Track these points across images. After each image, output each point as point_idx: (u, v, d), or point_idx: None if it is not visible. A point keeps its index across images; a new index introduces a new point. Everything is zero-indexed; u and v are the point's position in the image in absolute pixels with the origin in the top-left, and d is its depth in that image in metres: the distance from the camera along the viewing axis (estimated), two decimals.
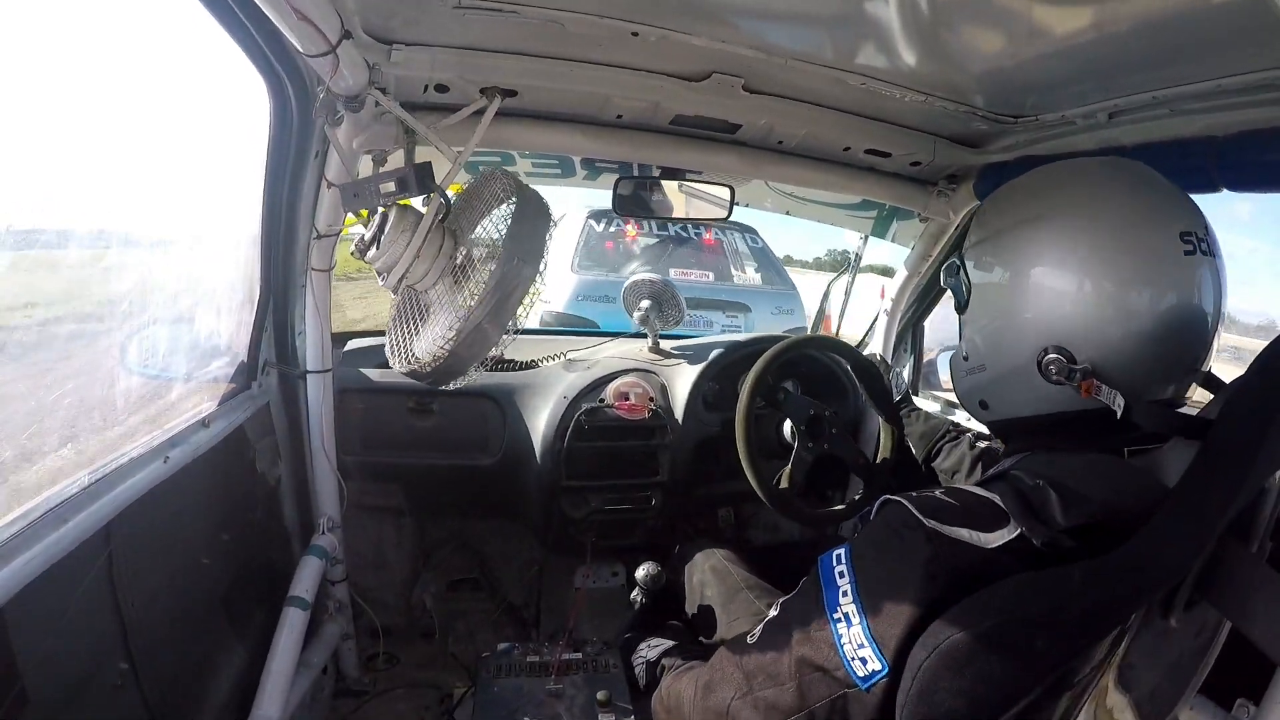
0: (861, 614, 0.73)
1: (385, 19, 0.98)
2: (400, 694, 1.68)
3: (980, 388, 0.89)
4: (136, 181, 1.08)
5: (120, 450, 0.94)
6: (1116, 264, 0.76)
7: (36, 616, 0.74)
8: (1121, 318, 0.76)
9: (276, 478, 1.42)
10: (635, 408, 1.67)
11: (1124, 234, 0.76)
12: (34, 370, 0.90)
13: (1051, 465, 0.77)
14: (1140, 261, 0.76)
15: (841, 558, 0.78)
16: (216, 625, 1.21)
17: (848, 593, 0.75)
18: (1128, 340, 0.76)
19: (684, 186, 1.54)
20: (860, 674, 0.73)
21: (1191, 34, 0.81)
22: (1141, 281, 0.76)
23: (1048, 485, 0.71)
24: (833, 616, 0.75)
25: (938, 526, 0.72)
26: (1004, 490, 0.74)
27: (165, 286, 1.16)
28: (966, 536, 0.71)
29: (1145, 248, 0.76)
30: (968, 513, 0.73)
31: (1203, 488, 0.67)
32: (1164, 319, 0.76)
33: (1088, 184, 0.82)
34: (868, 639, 0.73)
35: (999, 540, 0.70)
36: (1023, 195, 0.87)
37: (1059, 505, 0.70)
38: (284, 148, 1.21)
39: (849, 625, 0.74)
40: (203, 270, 1.25)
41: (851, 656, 0.73)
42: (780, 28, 1.02)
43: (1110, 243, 0.76)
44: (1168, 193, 0.80)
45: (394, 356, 1.09)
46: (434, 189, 1.03)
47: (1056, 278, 0.78)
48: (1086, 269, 0.77)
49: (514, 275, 0.95)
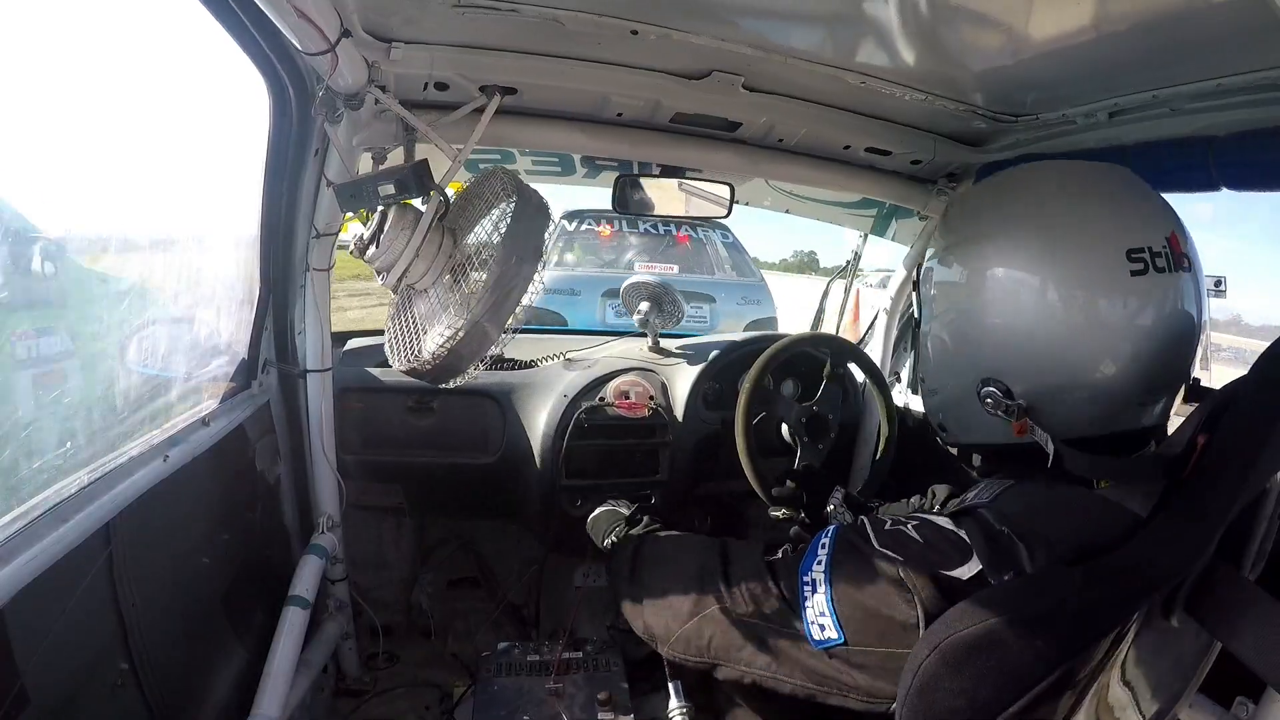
0: (828, 586, 0.74)
1: (385, 17, 0.98)
2: (400, 693, 1.68)
3: (935, 410, 0.86)
4: (136, 181, 1.08)
5: (120, 449, 0.94)
6: (1052, 291, 0.71)
7: (36, 616, 0.73)
8: (1059, 350, 0.71)
9: (276, 477, 1.42)
10: (635, 406, 1.67)
11: (1059, 258, 0.71)
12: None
13: (1019, 502, 0.74)
14: (1078, 288, 0.70)
15: (829, 533, 0.79)
16: (216, 624, 1.21)
17: (822, 563, 0.76)
18: (1067, 375, 0.72)
19: (684, 185, 1.53)
20: (816, 637, 0.75)
21: (1191, 33, 0.81)
22: (1079, 311, 0.70)
23: (1013, 536, 0.69)
24: (802, 579, 0.77)
25: (906, 570, 0.71)
26: (971, 528, 0.71)
27: (165, 286, 1.16)
28: (931, 573, 0.70)
29: (1083, 272, 0.70)
30: (934, 548, 0.71)
31: (1204, 489, 0.67)
32: (1110, 349, 0.71)
33: (1031, 200, 0.77)
34: (829, 607, 0.74)
35: (970, 572, 0.69)
36: (972, 208, 0.83)
37: (1026, 554, 0.68)
38: (283, 146, 1.21)
39: (814, 591, 0.75)
40: (202, 269, 1.25)
41: (812, 620, 0.75)
42: (780, 26, 1.02)
43: (1046, 268, 0.71)
44: (1115, 208, 0.74)
45: (393, 355, 1.09)
46: (433, 188, 1.03)
47: (993, 305, 0.74)
48: (1021, 297, 0.72)
49: (513, 274, 0.95)
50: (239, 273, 1.30)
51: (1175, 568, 0.68)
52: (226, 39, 1.00)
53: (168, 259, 1.18)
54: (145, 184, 1.09)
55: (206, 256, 1.28)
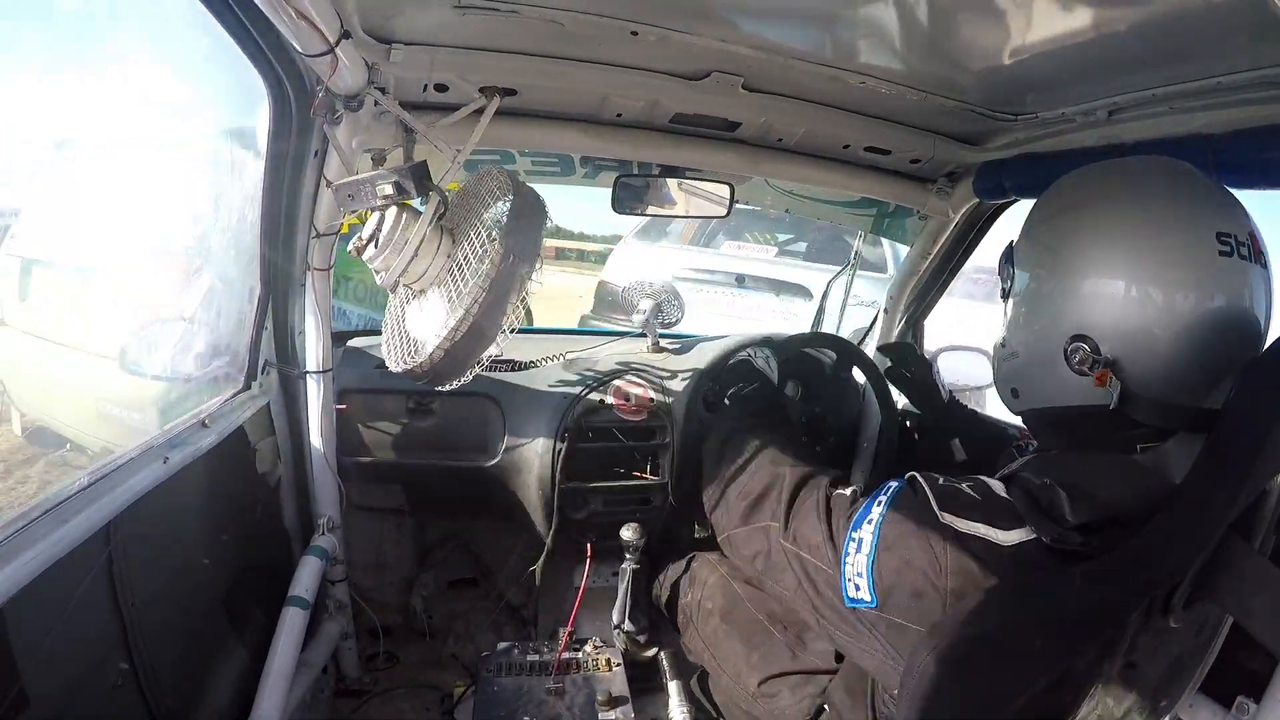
0: (873, 548, 0.78)
1: (385, 18, 0.98)
2: (400, 693, 1.68)
3: (1013, 374, 0.89)
4: (135, 180, 1.08)
5: (119, 451, 0.94)
6: (1145, 258, 0.75)
7: (36, 617, 0.73)
8: (1148, 313, 0.75)
9: (276, 478, 1.42)
10: (635, 408, 1.67)
11: (1155, 228, 0.76)
12: None
13: (1060, 465, 0.77)
14: (1171, 258, 0.75)
15: (889, 491, 0.82)
16: (216, 625, 1.21)
17: (873, 523, 0.79)
18: (1153, 337, 0.75)
19: (683, 184, 1.54)
20: (850, 594, 0.79)
21: (1191, 31, 0.81)
22: (1170, 279, 0.75)
23: (1055, 484, 0.72)
24: (851, 535, 0.81)
25: (953, 521, 0.73)
26: (1013, 491, 0.74)
27: (164, 285, 1.16)
28: (983, 532, 0.72)
29: (1176, 244, 0.75)
30: (987, 506, 0.74)
31: (1205, 489, 0.67)
32: (1195, 319, 0.74)
33: (1127, 177, 0.83)
34: (867, 570, 0.77)
35: (1016, 539, 0.71)
36: (1068, 185, 0.87)
37: (1067, 503, 0.70)
38: (283, 147, 1.21)
39: (858, 550, 0.79)
40: (202, 268, 1.25)
41: (849, 577, 0.79)
42: (780, 26, 1.02)
43: (1141, 236, 0.76)
44: (1209, 193, 0.79)
45: (391, 356, 1.09)
46: (431, 189, 1.03)
47: (1087, 268, 0.78)
48: (1116, 261, 0.76)
49: (510, 273, 0.95)
50: (238, 273, 1.30)
51: (1174, 567, 0.68)
52: (226, 39, 1.00)
53: (167, 257, 1.18)
54: (144, 183, 1.10)
55: (206, 256, 1.28)
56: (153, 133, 1.11)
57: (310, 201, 1.27)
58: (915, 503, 0.78)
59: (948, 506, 0.75)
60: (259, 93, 1.14)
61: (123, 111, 0.99)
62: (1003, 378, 0.92)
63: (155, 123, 1.09)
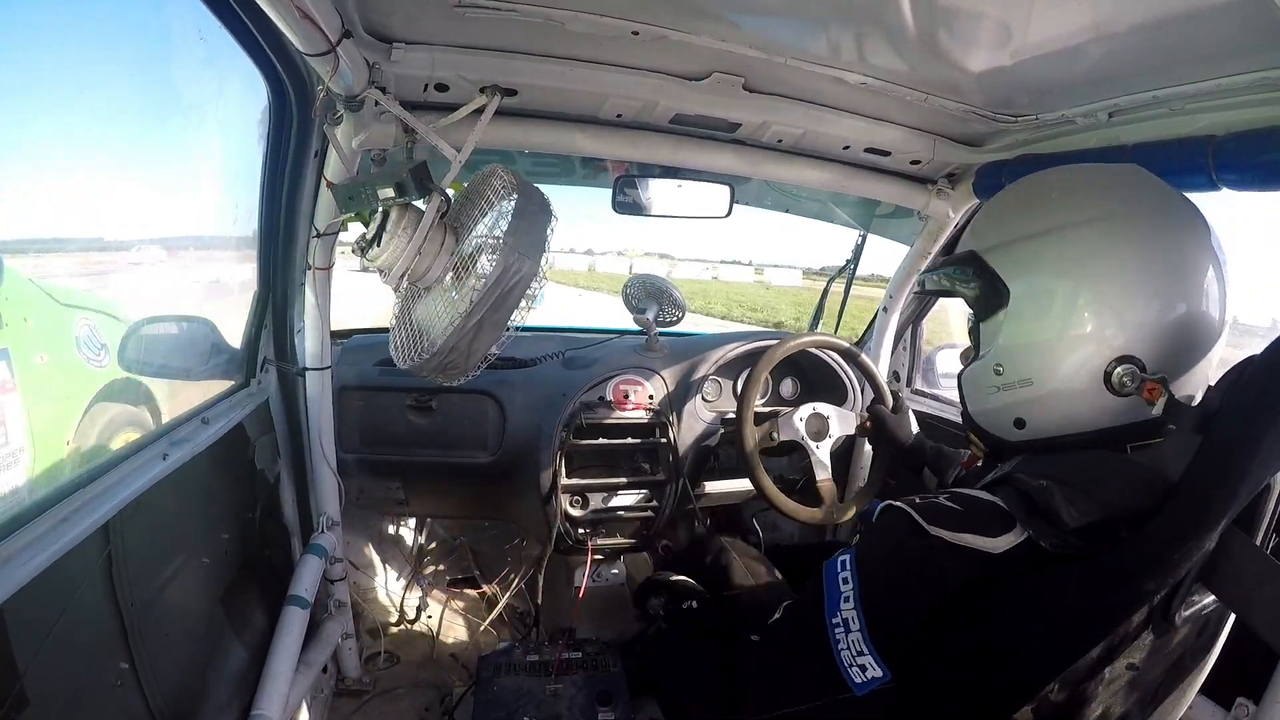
0: (862, 620, 0.74)
1: (385, 18, 0.98)
2: (400, 693, 1.68)
3: (1020, 404, 0.81)
4: (135, 180, 1.08)
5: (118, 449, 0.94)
6: (1171, 271, 0.75)
7: (36, 616, 0.73)
8: (1184, 321, 0.74)
9: (276, 475, 1.42)
10: (635, 406, 1.67)
11: (1167, 239, 0.76)
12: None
13: (1054, 465, 0.75)
14: (1192, 266, 0.75)
15: (846, 564, 0.78)
16: (216, 624, 1.21)
17: (850, 599, 0.75)
18: (1191, 344, 0.75)
19: (683, 185, 1.54)
20: (858, 680, 0.74)
21: (1191, 34, 0.81)
22: (1193, 288, 0.75)
23: (1052, 485, 0.70)
24: (831, 621, 0.76)
25: (942, 534, 0.72)
26: (1008, 494, 0.73)
27: (163, 285, 1.16)
28: (972, 542, 0.71)
29: (1188, 252, 0.75)
30: (972, 517, 0.72)
31: (1205, 488, 0.67)
32: (1208, 321, 0.75)
33: (1126, 188, 0.80)
34: (867, 647, 0.73)
35: (1006, 545, 0.70)
36: (1058, 196, 0.82)
37: (1065, 505, 0.69)
38: (283, 146, 1.21)
39: (848, 632, 0.74)
40: (202, 268, 1.25)
41: (849, 663, 0.74)
42: (780, 27, 1.02)
43: (1161, 248, 0.75)
44: (1185, 199, 0.80)
45: (397, 354, 1.09)
46: (432, 189, 1.03)
47: (1120, 286, 0.75)
48: (1145, 276, 0.74)
49: (514, 271, 0.95)
50: (238, 271, 1.30)
51: (1174, 569, 0.68)
52: (228, 39, 1.00)
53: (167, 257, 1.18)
54: (145, 183, 1.10)
55: (206, 255, 1.28)
56: (150, 130, 1.11)
57: (310, 201, 1.27)
58: (901, 524, 0.74)
59: (935, 521, 0.72)
60: (259, 92, 1.14)
61: (122, 111, 1.00)
62: (1001, 407, 0.82)
63: (155, 123, 1.10)
